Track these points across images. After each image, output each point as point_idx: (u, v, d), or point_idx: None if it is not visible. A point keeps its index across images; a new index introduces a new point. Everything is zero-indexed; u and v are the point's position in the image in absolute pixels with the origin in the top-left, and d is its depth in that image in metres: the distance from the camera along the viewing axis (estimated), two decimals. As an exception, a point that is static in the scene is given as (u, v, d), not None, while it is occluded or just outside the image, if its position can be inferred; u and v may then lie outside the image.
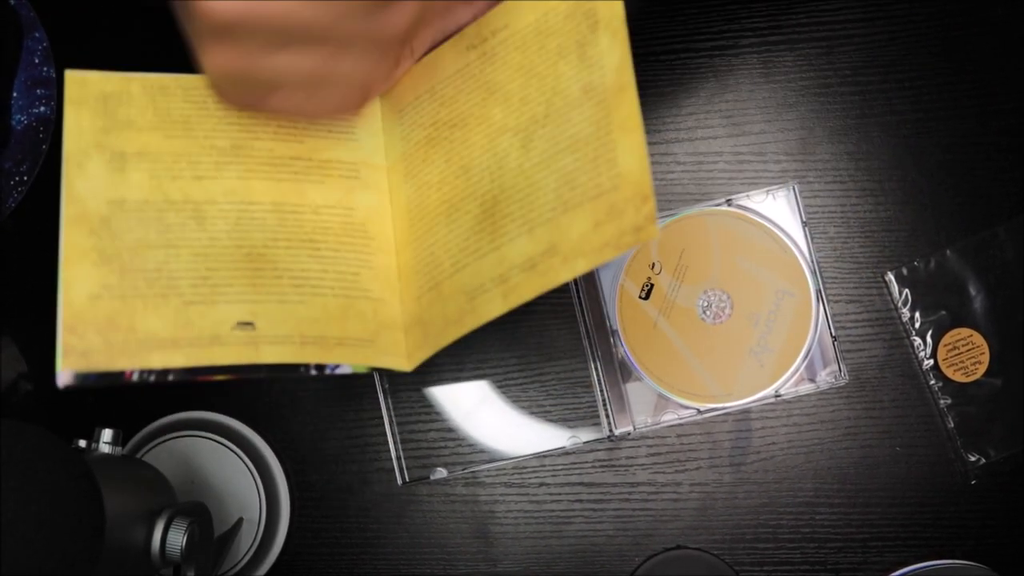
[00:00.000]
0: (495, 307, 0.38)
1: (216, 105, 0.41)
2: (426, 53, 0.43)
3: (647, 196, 0.35)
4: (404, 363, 0.41)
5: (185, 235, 0.39)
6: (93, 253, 0.37)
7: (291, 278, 0.40)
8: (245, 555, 0.63)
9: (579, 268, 0.36)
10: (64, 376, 0.37)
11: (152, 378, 0.37)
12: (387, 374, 0.61)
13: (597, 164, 0.36)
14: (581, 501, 0.64)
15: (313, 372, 0.40)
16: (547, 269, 0.37)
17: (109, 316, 0.37)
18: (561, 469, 0.64)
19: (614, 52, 0.37)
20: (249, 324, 0.38)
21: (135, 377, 0.37)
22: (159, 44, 0.67)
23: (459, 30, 0.43)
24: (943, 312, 0.63)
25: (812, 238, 0.63)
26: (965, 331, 0.63)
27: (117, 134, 0.40)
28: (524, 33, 0.40)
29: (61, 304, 0.37)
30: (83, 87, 0.40)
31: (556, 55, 0.38)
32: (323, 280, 0.41)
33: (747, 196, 0.64)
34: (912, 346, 0.63)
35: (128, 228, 0.38)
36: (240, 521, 0.63)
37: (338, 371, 0.40)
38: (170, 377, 0.38)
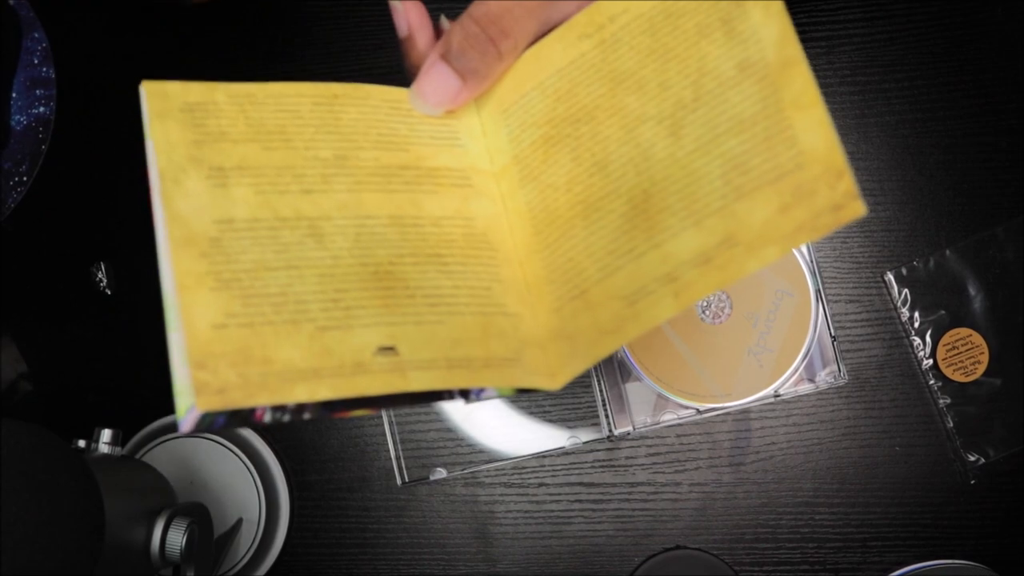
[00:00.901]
0: (665, 309, 0.35)
1: (311, 113, 0.38)
2: (529, 46, 0.40)
3: (841, 171, 0.33)
4: (549, 381, 0.38)
5: (305, 254, 0.35)
6: (209, 278, 0.33)
7: (424, 296, 0.36)
8: (245, 555, 0.62)
9: (770, 256, 0.34)
10: (190, 419, 0.33)
11: (287, 417, 0.34)
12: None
13: (772, 145, 0.34)
14: (581, 501, 0.64)
15: (458, 399, 0.36)
16: (727, 261, 0.34)
17: (240, 347, 0.33)
18: (561, 469, 0.64)
19: (771, 26, 0.34)
20: (391, 349, 0.35)
21: (267, 417, 0.34)
22: (159, 44, 0.67)
23: (564, 19, 0.39)
24: (942, 312, 0.63)
25: (812, 238, 0.63)
26: (964, 331, 0.63)
27: (211, 147, 0.36)
28: (650, 16, 0.37)
29: (183, 337, 0.33)
30: (165, 99, 0.36)
31: (696, 34, 0.36)
32: (457, 297, 0.37)
33: (747, 196, 0.63)
34: (911, 346, 0.63)
35: (242, 249, 0.34)
36: (240, 521, 0.63)
37: (483, 396, 0.37)
38: (306, 415, 0.34)
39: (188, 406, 0.33)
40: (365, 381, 0.34)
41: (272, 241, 0.35)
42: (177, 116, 0.36)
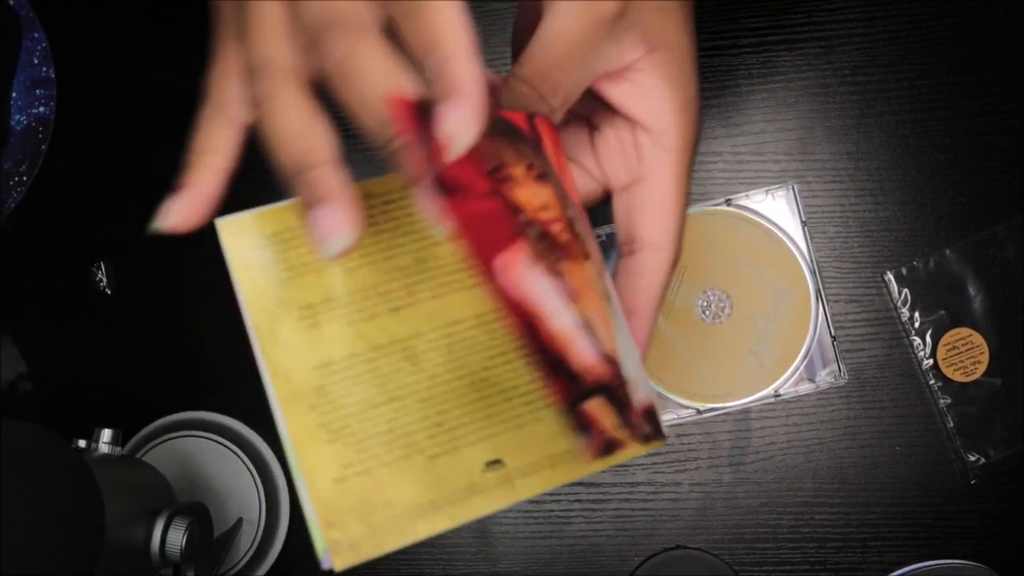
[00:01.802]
0: None
1: (384, 216, 0.35)
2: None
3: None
4: (643, 448, 0.37)
5: (403, 381, 0.34)
6: (322, 431, 0.33)
7: (520, 395, 0.34)
8: (245, 555, 0.62)
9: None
10: (327, 561, 0.32)
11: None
12: None
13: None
14: (581, 501, 0.64)
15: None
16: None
17: (361, 497, 0.32)
18: (561, 469, 0.64)
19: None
20: (498, 462, 0.34)
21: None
22: (159, 43, 0.67)
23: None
24: (942, 312, 0.63)
25: (811, 238, 0.63)
26: (964, 331, 0.63)
27: (297, 283, 0.34)
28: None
29: (308, 498, 0.32)
30: (242, 236, 0.35)
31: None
32: (544, 386, 0.35)
33: (746, 196, 0.64)
34: (911, 346, 0.63)
35: (346, 391, 0.33)
36: (240, 521, 0.63)
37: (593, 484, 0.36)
38: None
39: (324, 549, 0.32)
40: (479, 502, 0.33)
41: (372, 375, 0.34)
42: (258, 257, 0.35)
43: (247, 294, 0.34)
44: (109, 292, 0.66)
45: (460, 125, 0.30)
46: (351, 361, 0.34)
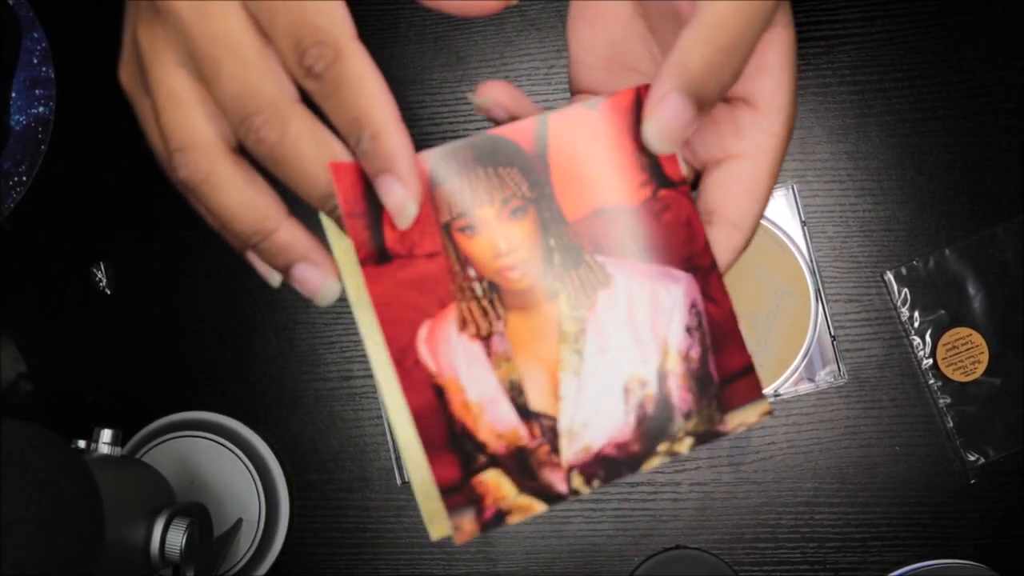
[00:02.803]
0: None
1: None
2: None
3: None
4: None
5: None
6: None
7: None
8: (244, 555, 0.62)
9: None
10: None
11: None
12: None
13: None
14: (581, 501, 0.64)
15: None
16: None
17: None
18: (561, 469, 0.64)
19: None
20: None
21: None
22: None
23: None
24: (942, 311, 0.63)
25: (811, 238, 0.63)
26: (964, 330, 0.63)
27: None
28: None
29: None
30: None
31: None
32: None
33: (746, 196, 0.64)
34: (911, 345, 0.63)
35: None
36: (239, 521, 0.63)
37: None
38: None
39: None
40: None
41: None
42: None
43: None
44: (109, 292, 0.66)
45: (405, 198, 0.30)
46: None
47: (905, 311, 0.63)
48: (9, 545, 0.37)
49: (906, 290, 0.63)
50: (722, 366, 0.34)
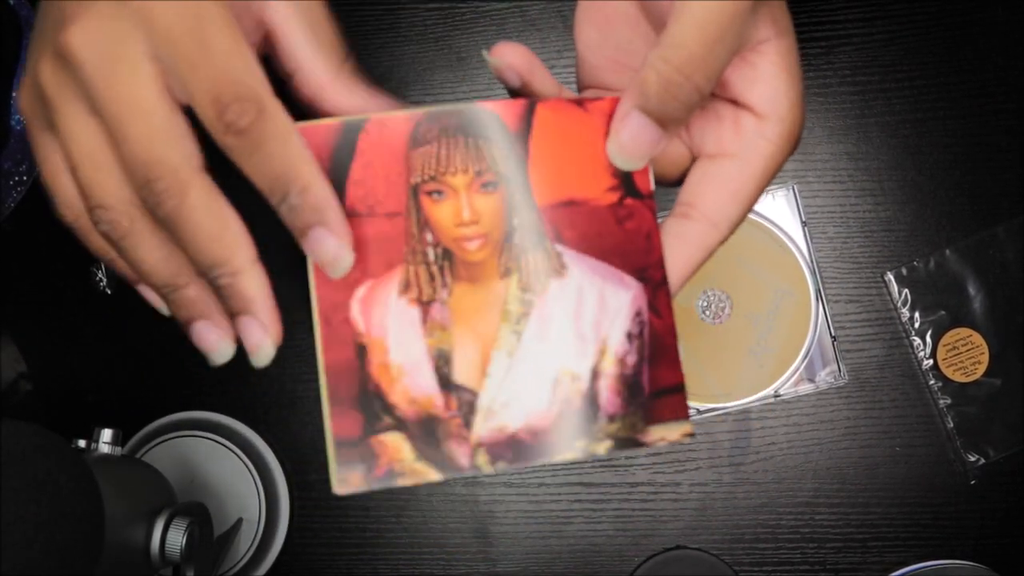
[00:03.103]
0: None
1: None
2: None
3: None
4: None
5: None
6: None
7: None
8: (244, 555, 0.62)
9: None
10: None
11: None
12: None
13: None
14: (581, 501, 0.64)
15: None
16: None
17: None
18: (560, 469, 0.64)
19: None
20: None
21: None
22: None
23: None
24: (943, 312, 0.63)
25: (811, 238, 0.63)
26: (964, 331, 0.63)
27: None
28: None
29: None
30: None
31: None
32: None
33: (747, 196, 0.64)
34: (912, 346, 0.63)
35: None
36: (240, 521, 0.63)
37: None
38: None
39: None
40: None
41: None
42: None
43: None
44: (109, 292, 0.66)
45: (339, 248, 0.31)
46: None
47: (905, 312, 0.63)
48: (9, 545, 0.37)
49: (906, 290, 0.63)
50: (654, 379, 0.34)
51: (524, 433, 0.33)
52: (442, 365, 0.33)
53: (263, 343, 0.32)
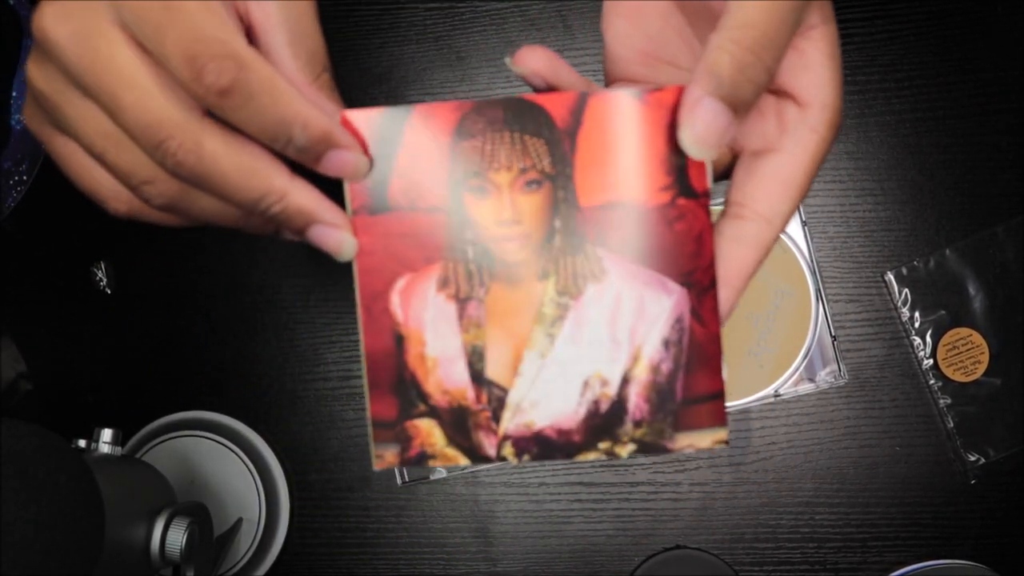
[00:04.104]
0: None
1: None
2: None
3: None
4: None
5: None
6: None
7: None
8: (245, 555, 0.62)
9: None
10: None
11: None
12: None
13: None
14: (581, 501, 0.64)
15: None
16: None
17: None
18: (561, 468, 0.64)
19: None
20: None
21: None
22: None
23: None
24: (943, 312, 0.63)
25: (811, 238, 0.63)
26: (964, 331, 0.63)
27: None
28: None
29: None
30: None
31: None
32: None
33: (747, 196, 0.64)
34: (912, 346, 0.63)
35: None
36: (240, 521, 0.63)
37: None
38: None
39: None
40: None
41: None
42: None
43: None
44: (109, 292, 0.66)
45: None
46: None
47: (905, 311, 0.63)
48: (9, 545, 0.37)
49: (906, 290, 0.63)
50: (689, 386, 0.33)
51: (550, 431, 0.34)
52: (476, 361, 0.34)
53: (342, 239, 0.32)
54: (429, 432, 0.34)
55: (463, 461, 0.34)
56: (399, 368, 0.34)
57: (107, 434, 0.52)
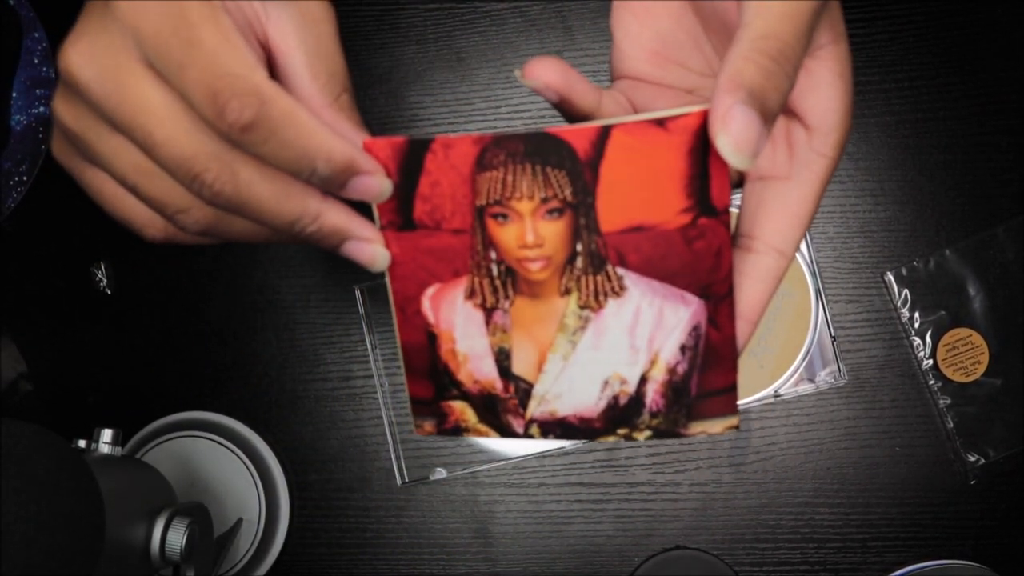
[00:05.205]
0: None
1: None
2: None
3: None
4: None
5: None
6: None
7: None
8: (244, 555, 0.63)
9: None
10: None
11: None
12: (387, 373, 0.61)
13: None
14: (581, 501, 0.64)
15: None
16: None
17: None
18: (561, 469, 0.64)
19: None
20: None
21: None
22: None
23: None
24: (942, 312, 0.63)
25: (811, 238, 0.63)
26: (964, 331, 0.63)
27: None
28: None
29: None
30: None
31: None
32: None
33: (747, 196, 0.64)
34: (911, 346, 0.63)
35: None
36: (240, 521, 0.63)
37: None
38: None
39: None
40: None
41: None
42: None
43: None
44: (109, 292, 0.66)
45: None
46: None
47: (905, 312, 0.63)
48: (9, 545, 0.37)
49: (906, 291, 0.63)
50: (703, 383, 0.34)
51: (572, 419, 0.36)
52: (503, 359, 0.36)
53: (375, 252, 0.34)
54: (463, 411, 0.37)
55: (494, 435, 0.37)
56: (432, 359, 0.36)
57: (107, 434, 0.52)
